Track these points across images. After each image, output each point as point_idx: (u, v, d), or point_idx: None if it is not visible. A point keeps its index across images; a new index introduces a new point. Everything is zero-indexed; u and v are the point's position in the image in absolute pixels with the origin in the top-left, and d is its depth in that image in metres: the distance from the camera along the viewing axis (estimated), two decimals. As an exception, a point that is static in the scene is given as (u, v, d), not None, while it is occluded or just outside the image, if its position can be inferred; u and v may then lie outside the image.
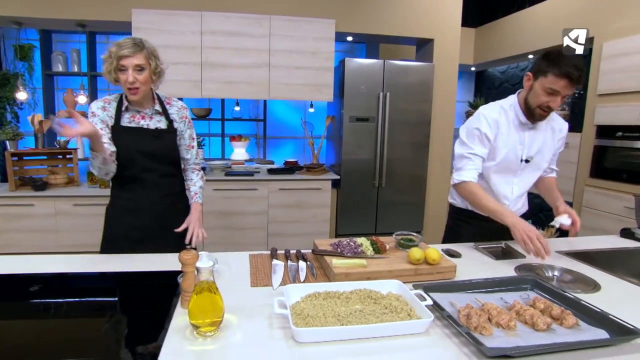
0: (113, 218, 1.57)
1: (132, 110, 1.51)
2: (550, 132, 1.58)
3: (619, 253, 1.68)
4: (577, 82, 1.34)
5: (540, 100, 1.41)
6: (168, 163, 1.59)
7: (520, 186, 1.63)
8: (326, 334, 0.89)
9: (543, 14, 3.75)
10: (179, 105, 1.61)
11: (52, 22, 3.13)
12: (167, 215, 1.58)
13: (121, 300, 1.14)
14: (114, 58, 1.35)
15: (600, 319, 0.96)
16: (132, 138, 1.49)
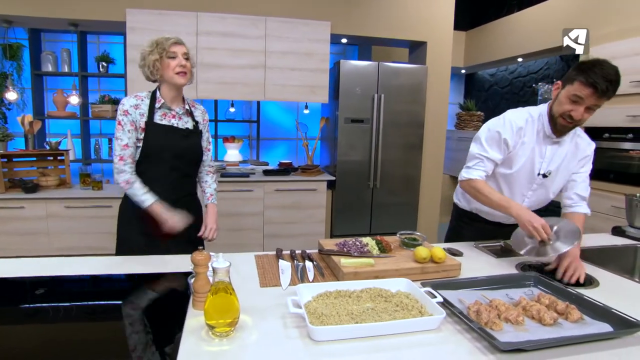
0: (129, 218, 1.58)
1: (164, 108, 1.54)
2: (574, 149, 1.50)
3: (612, 250, 1.73)
4: (603, 94, 1.27)
5: (563, 108, 1.35)
6: (192, 163, 1.65)
7: (532, 200, 1.56)
8: (343, 332, 0.90)
9: (531, 19, 3.85)
10: (201, 109, 1.69)
11: (43, 21, 3.07)
12: (185, 213, 1.59)
13: (131, 303, 1.13)
14: (165, 46, 1.45)
15: (603, 313, 1.00)
16: (164, 136, 1.53)
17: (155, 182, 1.54)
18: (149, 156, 1.52)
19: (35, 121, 3.04)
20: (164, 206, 1.50)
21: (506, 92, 4.74)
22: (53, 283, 1.20)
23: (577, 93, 1.29)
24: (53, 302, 1.11)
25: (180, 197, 1.60)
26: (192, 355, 0.84)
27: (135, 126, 1.50)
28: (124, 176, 1.50)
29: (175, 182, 1.59)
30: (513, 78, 4.65)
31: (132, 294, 1.20)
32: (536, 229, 1.30)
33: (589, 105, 1.30)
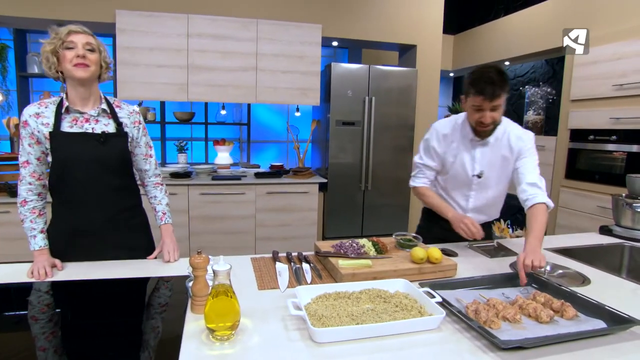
0: (53, 243, 1.33)
1: (73, 113, 1.30)
2: (506, 146, 1.54)
3: (600, 249, 1.78)
4: (493, 96, 1.36)
5: (473, 117, 1.46)
6: (120, 173, 1.38)
7: (478, 199, 1.64)
8: (344, 333, 0.90)
9: (518, 23, 3.94)
10: (130, 110, 1.43)
11: (28, 22, 3.00)
12: (121, 234, 1.41)
13: (126, 308, 1.11)
14: (61, 35, 1.24)
15: (597, 310, 1.02)
16: (75, 145, 1.28)
17: (78, 200, 1.32)
18: (60, 172, 1.29)
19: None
20: (47, 256, 1.28)
21: (494, 95, 4.82)
22: (40, 289, 1.17)
23: (475, 103, 1.42)
24: (45, 308, 1.08)
25: (117, 213, 1.39)
26: (196, 359, 0.83)
27: (38, 139, 1.27)
28: (18, 198, 1.30)
29: (101, 199, 1.35)
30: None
31: (128, 298, 1.18)
32: (465, 225, 1.43)
33: (490, 107, 1.40)
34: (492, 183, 1.61)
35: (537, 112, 3.76)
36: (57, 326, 0.99)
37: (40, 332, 0.95)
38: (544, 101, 3.74)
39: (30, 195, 1.31)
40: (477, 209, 1.67)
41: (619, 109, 2.80)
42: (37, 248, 1.28)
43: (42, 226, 1.31)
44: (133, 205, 1.47)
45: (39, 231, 1.30)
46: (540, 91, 3.72)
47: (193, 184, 3.12)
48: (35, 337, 0.92)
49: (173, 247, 1.44)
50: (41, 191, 1.34)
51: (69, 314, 1.07)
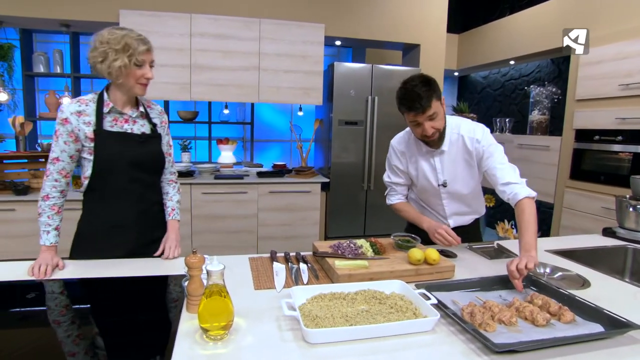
0: (88, 236, 1.40)
1: (114, 113, 1.35)
2: (463, 151, 1.53)
3: (602, 251, 1.76)
4: (422, 108, 1.34)
5: (415, 132, 1.47)
6: (153, 171, 1.46)
7: (452, 205, 1.65)
8: (337, 334, 0.90)
9: (523, 22, 3.90)
10: (158, 110, 1.50)
11: (34, 22, 3.03)
12: (152, 228, 1.48)
13: (124, 306, 1.12)
14: (135, 53, 1.25)
15: (595, 314, 1.01)
16: (117, 144, 1.33)
17: (114, 197, 1.38)
18: (102, 169, 1.34)
19: (26, 122, 3.00)
20: (56, 253, 1.31)
21: (498, 95, 4.79)
22: (44, 287, 1.18)
23: (410, 119, 1.42)
24: (44, 306, 1.10)
25: (147, 209, 1.45)
26: (186, 359, 0.83)
27: (77, 137, 1.30)
28: (42, 192, 1.34)
29: (137, 195, 1.41)
30: (505, 80, 4.70)
31: (126, 296, 1.18)
32: (440, 234, 1.44)
33: (426, 119, 1.38)
34: (460, 187, 1.60)
35: (542, 112, 3.71)
36: (52, 324, 1.00)
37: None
38: (549, 101, 3.70)
39: (54, 192, 1.34)
40: (456, 213, 1.67)
41: (625, 109, 2.76)
42: (47, 244, 1.30)
43: (57, 223, 1.34)
44: (159, 200, 1.54)
45: (54, 228, 1.33)
46: (545, 91, 3.68)
47: (195, 183, 3.14)
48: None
49: (175, 244, 1.47)
50: (64, 189, 1.37)
51: (61, 311, 1.08)
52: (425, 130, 1.40)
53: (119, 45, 1.24)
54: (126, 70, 1.26)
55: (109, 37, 1.25)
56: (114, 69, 1.25)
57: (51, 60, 3.43)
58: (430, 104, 1.35)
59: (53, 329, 0.97)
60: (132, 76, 1.28)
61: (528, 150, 3.62)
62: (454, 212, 1.67)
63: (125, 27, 1.31)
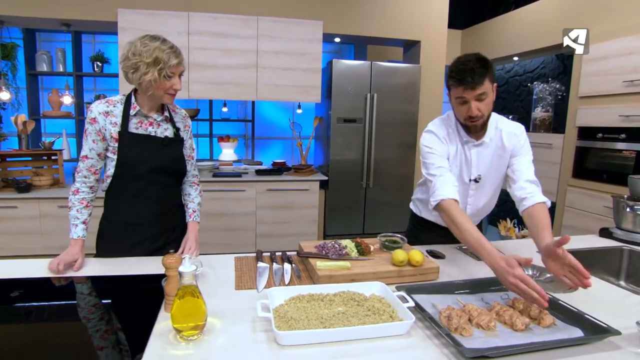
0: (108, 235, 1.45)
1: (140, 116, 1.38)
2: (500, 146, 1.45)
3: (598, 252, 1.72)
4: (473, 83, 1.26)
5: (459, 111, 1.36)
6: (174, 174, 1.49)
7: (475, 205, 1.56)
8: (308, 336, 0.90)
9: (528, 17, 3.82)
10: (182, 114, 1.53)
11: (35, 21, 3.07)
12: (171, 229, 1.51)
13: (108, 304, 1.13)
14: (166, 67, 1.26)
15: (576, 318, 0.99)
16: (140, 146, 1.37)
17: (134, 197, 1.41)
18: (124, 169, 1.38)
19: (29, 121, 3.05)
20: (82, 248, 1.34)
21: (502, 91, 4.72)
22: (28, 285, 1.19)
23: (457, 95, 1.32)
24: (26, 304, 1.11)
25: (164, 211, 1.48)
26: (157, 358, 0.84)
27: (104, 136, 1.35)
28: (72, 186, 1.39)
29: (156, 196, 1.44)
30: (509, 77, 4.62)
31: (107, 295, 1.20)
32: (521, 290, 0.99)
33: (474, 97, 1.29)
34: (488, 185, 1.52)
35: (546, 109, 3.65)
36: (31, 322, 1.01)
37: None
38: (552, 98, 3.63)
39: (83, 187, 1.38)
40: (475, 214, 1.60)
41: (629, 106, 2.69)
42: (75, 237, 1.34)
43: (85, 217, 1.38)
44: (179, 202, 1.57)
45: (82, 222, 1.37)
46: (549, 87, 3.61)
47: (194, 180, 3.15)
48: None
49: (195, 245, 1.48)
50: (94, 184, 1.41)
51: (45, 310, 1.09)
52: (471, 110, 1.30)
53: (150, 58, 1.25)
54: (156, 84, 1.28)
55: (142, 49, 1.26)
56: (145, 82, 1.28)
57: (54, 59, 3.48)
58: (483, 82, 1.26)
59: (31, 326, 0.98)
60: (162, 87, 1.30)
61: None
62: (474, 213, 1.56)
63: (159, 37, 1.31)
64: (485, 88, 1.28)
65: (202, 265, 1.30)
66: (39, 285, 1.21)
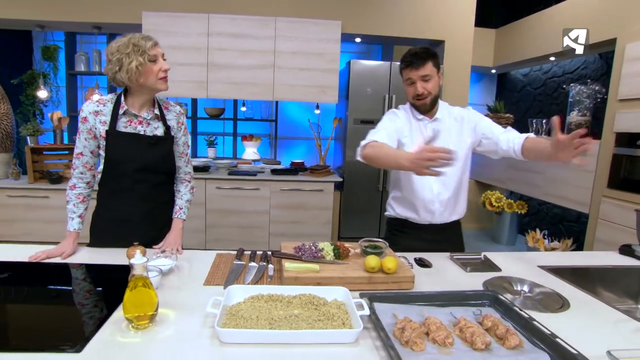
0: (99, 228, 1.51)
1: (129, 115, 1.40)
2: (458, 121, 1.60)
3: (616, 271, 1.56)
4: (416, 64, 1.47)
5: (408, 92, 1.56)
6: (162, 172, 1.50)
7: (444, 186, 1.58)
8: (246, 336, 0.89)
9: (565, 13, 3.55)
10: (177, 111, 1.52)
11: (70, 25, 3.32)
12: (159, 224, 1.54)
13: (72, 292, 1.19)
14: (145, 49, 1.29)
15: (547, 342, 0.90)
16: (128, 145, 1.39)
17: (122, 194, 1.45)
18: (111, 167, 1.41)
19: (63, 117, 3.29)
20: (75, 240, 1.40)
21: (539, 94, 4.42)
22: (16, 268, 1.28)
23: (406, 77, 1.54)
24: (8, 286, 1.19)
25: (152, 207, 1.50)
26: (102, 344, 0.87)
27: (95, 134, 1.39)
28: (70, 182, 1.45)
29: (144, 194, 1.46)
30: (547, 78, 4.31)
31: (76, 283, 1.26)
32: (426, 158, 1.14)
33: (419, 78, 1.49)
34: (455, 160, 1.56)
35: (583, 113, 3.36)
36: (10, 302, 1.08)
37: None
38: (591, 100, 3.33)
39: (80, 182, 1.45)
40: (443, 201, 1.60)
41: (675, 110, 2.41)
42: (71, 230, 1.41)
43: (82, 211, 1.45)
44: (168, 199, 1.58)
45: (78, 215, 1.43)
46: (587, 89, 3.32)
47: (210, 177, 3.25)
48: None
49: (176, 242, 1.51)
50: (90, 180, 1.47)
51: (17, 292, 1.16)
52: (417, 89, 1.51)
53: (129, 48, 1.29)
54: (143, 69, 1.30)
55: (117, 46, 1.31)
56: (132, 71, 1.29)
57: (91, 59, 3.73)
58: (425, 65, 1.47)
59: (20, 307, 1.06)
60: (151, 73, 1.32)
61: (563, 154, 3.29)
62: (441, 196, 1.59)
63: (128, 33, 1.35)
64: (429, 70, 1.49)
65: (177, 260, 1.32)
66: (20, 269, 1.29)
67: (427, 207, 1.60)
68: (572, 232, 3.88)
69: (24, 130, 3.11)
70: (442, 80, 1.58)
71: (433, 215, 1.61)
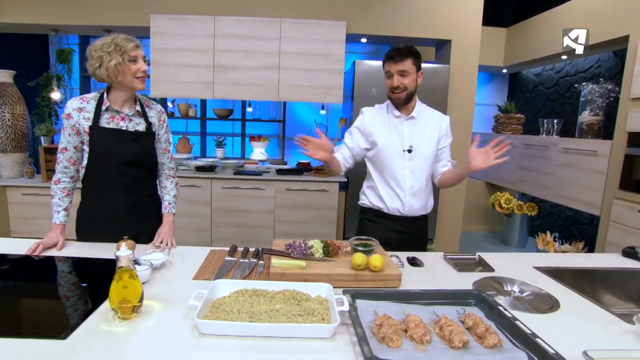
0: (84, 223, 1.54)
1: (111, 111, 1.46)
2: (431, 123, 1.71)
3: (618, 274, 1.51)
4: (396, 58, 1.58)
5: (387, 84, 1.65)
6: (144, 166, 1.55)
7: (417, 174, 1.68)
8: (222, 327, 0.91)
9: (577, 10, 3.46)
10: (157, 109, 1.60)
11: (82, 28, 3.43)
12: (142, 218, 1.58)
13: (64, 282, 1.23)
14: (126, 49, 1.37)
15: (527, 341, 0.88)
16: (111, 140, 1.45)
17: (105, 189, 1.49)
18: (95, 161, 1.46)
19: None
20: (62, 232, 1.47)
21: (551, 93, 4.31)
22: (15, 261, 1.33)
23: (386, 69, 1.63)
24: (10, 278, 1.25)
25: (136, 201, 1.55)
26: (88, 332, 0.90)
27: (78, 130, 1.44)
28: (54, 177, 1.50)
29: (127, 187, 1.51)
30: (560, 78, 4.21)
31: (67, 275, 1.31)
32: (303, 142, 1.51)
33: (397, 72, 1.58)
34: (421, 156, 1.68)
35: (595, 112, 3.27)
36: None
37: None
38: (603, 99, 3.24)
39: (64, 177, 1.50)
40: (414, 192, 1.69)
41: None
42: (57, 222, 1.48)
43: (67, 205, 1.51)
44: (151, 193, 1.64)
45: (63, 209, 1.50)
46: (599, 88, 3.23)
47: (216, 177, 3.30)
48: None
49: (168, 235, 1.55)
50: (74, 174, 1.53)
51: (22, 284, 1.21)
52: (393, 82, 1.60)
53: (111, 47, 1.37)
54: (122, 68, 1.37)
55: (100, 44, 1.38)
56: (111, 69, 1.36)
57: (103, 62, 3.84)
58: (405, 61, 1.57)
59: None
60: (129, 72, 1.39)
61: (573, 155, 3.21)
62: (413, 189, 1.68)
63: (113, 33, 1.43)
64: (407, 67, 1.58)
65: (169, 254, 1.36)
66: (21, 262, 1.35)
67: (398, 197, 1.69)
68: (585, 235, 3.78)
69: (38, 131, 3.22)
70: (422, 80, 1.66)
71: (403, 206, 1.69)
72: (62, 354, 0.82)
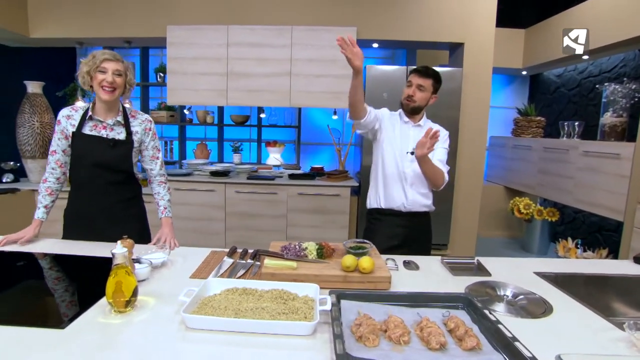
0: (67, 221, 1.68)
1: (95, 120, 1.60)
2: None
3: (629, 281, 1.46)
4: (422, 74, 1.77)
5: (405, 92, 1.84)
6: (120, 172, 1.65)
7: (416, 175, 1.82)
8: (207, 322, 0.96)
9: (597, 8, 3.34)
10: (143, 118, 1.70)
11: (104, 41, 3.63)
12: (121, 220, 1.66)
13: (69, 279, 1.32)
14: (97, 60, 1.51)
15: (506, 345, 0.88)
16: (87, 145, 1.58)
17: (82, 190, 1.63)
18: (74, 164, 1.61)
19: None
20: (38, 227, 1.59)
21: (573, 95, 4.17)
22: (30, 258, 1.43)
23: (409, 79, 1.82)
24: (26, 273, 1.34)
25: (112, 203, 1.64)
26: (85, 323, 0.97)
27: (66, 135, 1.59)
28: (43, 176, 1.62)
29: (101, 191, 1.62)
30: (582, 78, 4.06)
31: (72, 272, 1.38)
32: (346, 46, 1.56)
33: (417, 84, 1.78)
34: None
35: (618, 114, 3.13)
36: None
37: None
38: (627, 100, 3.11)
39: (51, 177, 1.63)
40: (417, 188, 1.83)
41: None
42: (35, 217, 1.60)
43: (47, 203, 1.63)
44: (129, 198, 1.73)
45: (44, 206, 1.62)
46: (623, 88, 3.10)
47: (229, 182, 3.39)
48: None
49: (170, 236, 1.63)
50: (60, 176, 1.65)
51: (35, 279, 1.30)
52: (410, 90, 1.80)
53: (89, 57, 1.55)
54: (89, 76, 1.53)
55: (87, 58, 1.56)
56: (82, 74, 1.53)
57: (127, 72, 4.04)
58: (426, 79, 1.77)
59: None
60: (96, 81, 1.53)
61: (595, 158, 3.09)
62: (415, 184, 1.83)
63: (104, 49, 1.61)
64: (427, 84, 1.79)
65: (169, 254, 1.42)
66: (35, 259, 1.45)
67: (403, 191, 1.83)
68: (611, 242, 3.60)
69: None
70: (437, 100, 1.85)
71: (406, 199, 1.83)
72: (61, 343, 0.88)
